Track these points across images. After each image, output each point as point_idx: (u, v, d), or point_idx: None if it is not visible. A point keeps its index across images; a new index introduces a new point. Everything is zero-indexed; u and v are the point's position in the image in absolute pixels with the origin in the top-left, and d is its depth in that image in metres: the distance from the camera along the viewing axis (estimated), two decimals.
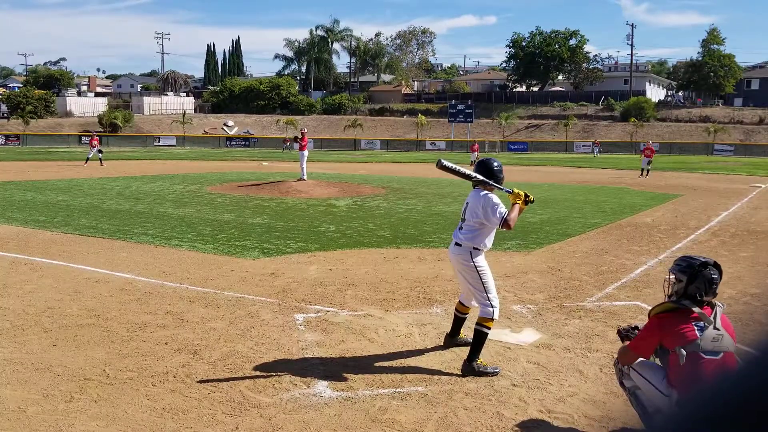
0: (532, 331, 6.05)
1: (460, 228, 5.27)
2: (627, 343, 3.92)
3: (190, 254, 9.54)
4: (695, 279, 3.62)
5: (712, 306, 3.65)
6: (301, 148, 21.64)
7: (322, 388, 4.64)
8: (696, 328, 3.56)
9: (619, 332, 4.19)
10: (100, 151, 30.86)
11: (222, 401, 4.39)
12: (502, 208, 5.01)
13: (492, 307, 5.09)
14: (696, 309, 3.59)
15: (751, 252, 10.50)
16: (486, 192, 5.14)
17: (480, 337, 5.05)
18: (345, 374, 4.90)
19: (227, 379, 4.76)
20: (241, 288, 7.44)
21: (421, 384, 4.76)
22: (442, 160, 5.24)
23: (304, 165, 21.33)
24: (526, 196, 4.99)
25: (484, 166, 5.26)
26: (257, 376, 4.82)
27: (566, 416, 4.27)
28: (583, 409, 4.32)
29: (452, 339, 5.61)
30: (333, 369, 5.01)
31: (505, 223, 4.95)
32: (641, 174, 27.54)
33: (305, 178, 21.07)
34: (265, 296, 7.10)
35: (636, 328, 4.08)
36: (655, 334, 3.68)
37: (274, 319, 6.29)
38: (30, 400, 4.33)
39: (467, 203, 5.26)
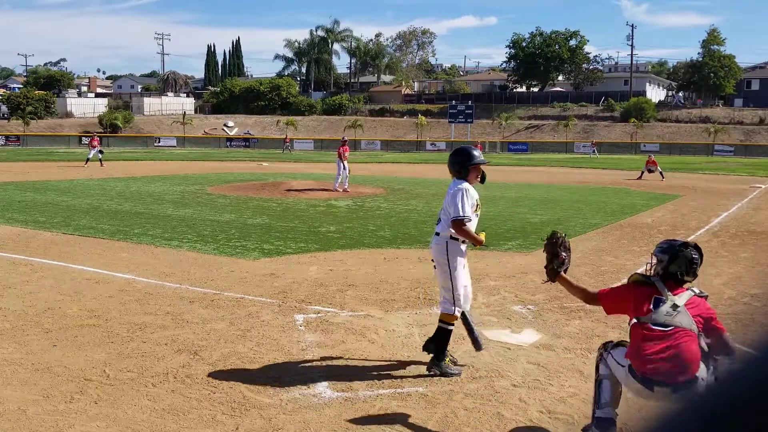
0: (532, 332, 6.05)
1: (439, 219, 5.11)
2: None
3: (190, 255, 9.54)
4: (675, 258, 3.71)
5: (687, 288, 3.75)
6: (344, 158, 19.62)
7: (323, 388, 4.64)
8: (653, 303, 3.67)
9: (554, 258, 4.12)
10: (100, 152, 30.88)
11: (222, 402, 4.38)
12: (466, 208, 4.84)
13: (453, 305, 4.96)
14: (659, 286, 3.71)
15: (752, 252, 10.50)
16: (463, 182, 4.97)
17: (442, 334, 4.95)
18: (345, 375, 4.90)
19: (227, 380, 4.75)
20: (241, 289, 7.44)
21: (421, 385, 4.76)
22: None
23: (341, 173, 19.65)
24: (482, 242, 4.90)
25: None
26: (257, 377, 4.82)
27: (567, 417, 4.27)
28: (584, 410, 4.31)
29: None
30: (333, 369, 5.01)
31: (455, 221, 4.81)
32: (640, 176, 27.65)
33: (337, 185, 19.60)
34: (266, 297, 7.10)
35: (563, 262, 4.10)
36: (625, 296, 3.82)
37: (275, 319, 6.29)
38: (30, 401, 4.33)
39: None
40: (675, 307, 3.63)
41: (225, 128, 70.72)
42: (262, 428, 4.02)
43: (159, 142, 61.38)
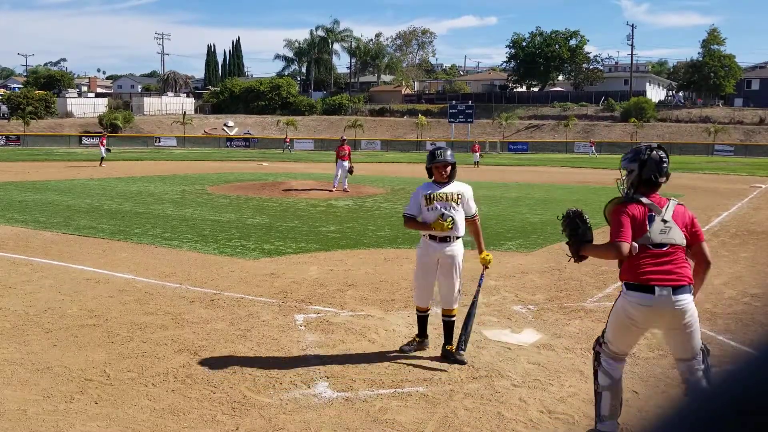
0: (532, 332, 6.05)
1: None
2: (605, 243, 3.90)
3: (190, 255, 9.55)
4: (645, 163, 3.76)
5: (668, 198, 3.83)
6: (343, 158, 19.47)
7: (323, 388, 4.64)
8: (648, 220, 3.71)
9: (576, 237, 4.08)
10: (107, 150, 31.36)
11: (222, 402, 4.38)
12: (409, 206, 5.38)
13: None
14: (645, 201, 3.72)
15: (752, 252, 10.50)
16: (425, 184, 5.41)
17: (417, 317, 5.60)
18: (345, 374, 4.90)
19: (228, 380, 4.75)
20: (241, 288, 7.44)
21: (421, 384, 4.76)
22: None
23: (340, 175, 19.61)
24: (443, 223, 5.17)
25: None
26: (257, 377, 4.82)
27: (567, 417, 4.26)
28: (584, 410, 4.31)
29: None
30: (333, 369, 5.01)
31: (407, 217, 5.41)
32: None
33: (336, 185, 19.64)
34: (266, 297, 7.10)
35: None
36: (626, 215, 3.72)
37: (275, 319, 6.29)
38: (30, 401, 4.33)
39: None
40: (665, 222, 3.69)
41: (225, 128, 70.72)
42: (262, 428, 4.02)
43: (159, 142, 61.39)
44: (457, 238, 5.27)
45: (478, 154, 36.44)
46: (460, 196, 5.25)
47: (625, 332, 3.75)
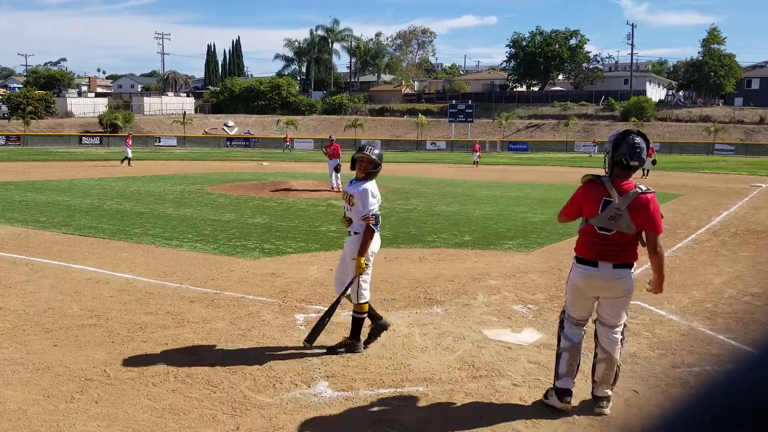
0: (532, 331, 6.05)
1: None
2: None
3: (190, 254, 9.55)
4: (620, 145, 4.07)
5: (637, 186, 4.08)
6: (331, 156, 19.85)
7: (323, 388, 4.64)
8: (602, 205, 4.05)
9: None
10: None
11: (223, 401, 4.38)
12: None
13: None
14: (608, 186, 4.05)
15: (752, 251, 10.49)
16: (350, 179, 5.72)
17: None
18: (346, 374, 4.90)
19: (228, 380, 4.75)
20: (241, 288, 7.44)
21: (421, 384, 4.76)
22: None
23: (333, 173, 19.85)
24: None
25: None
26: (258, 377, 4.82)
27: (567, 416, 4.26)
28: (584, 409, 4.31)
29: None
30: (334, 369, 5.01)
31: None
32: (643, 174, 27.47)
33: (335, 185, 19.63)
34: (266, 296, 7.10)
35: None
36: (579, 198, 4.29)
37: (275, 319, 6.29)
38: (31, 401, 4.33)
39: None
40: (617, 209, 3.99)
41: (225, 128, 70.74)
42: (262, 428, 4.02)
43: (159, 141, 61.46)
44: (356, 233, 5.51)
45: (478, 153, 36.41)
46: (352, 197, 5.51)
47: (577, 299, 4.24)
